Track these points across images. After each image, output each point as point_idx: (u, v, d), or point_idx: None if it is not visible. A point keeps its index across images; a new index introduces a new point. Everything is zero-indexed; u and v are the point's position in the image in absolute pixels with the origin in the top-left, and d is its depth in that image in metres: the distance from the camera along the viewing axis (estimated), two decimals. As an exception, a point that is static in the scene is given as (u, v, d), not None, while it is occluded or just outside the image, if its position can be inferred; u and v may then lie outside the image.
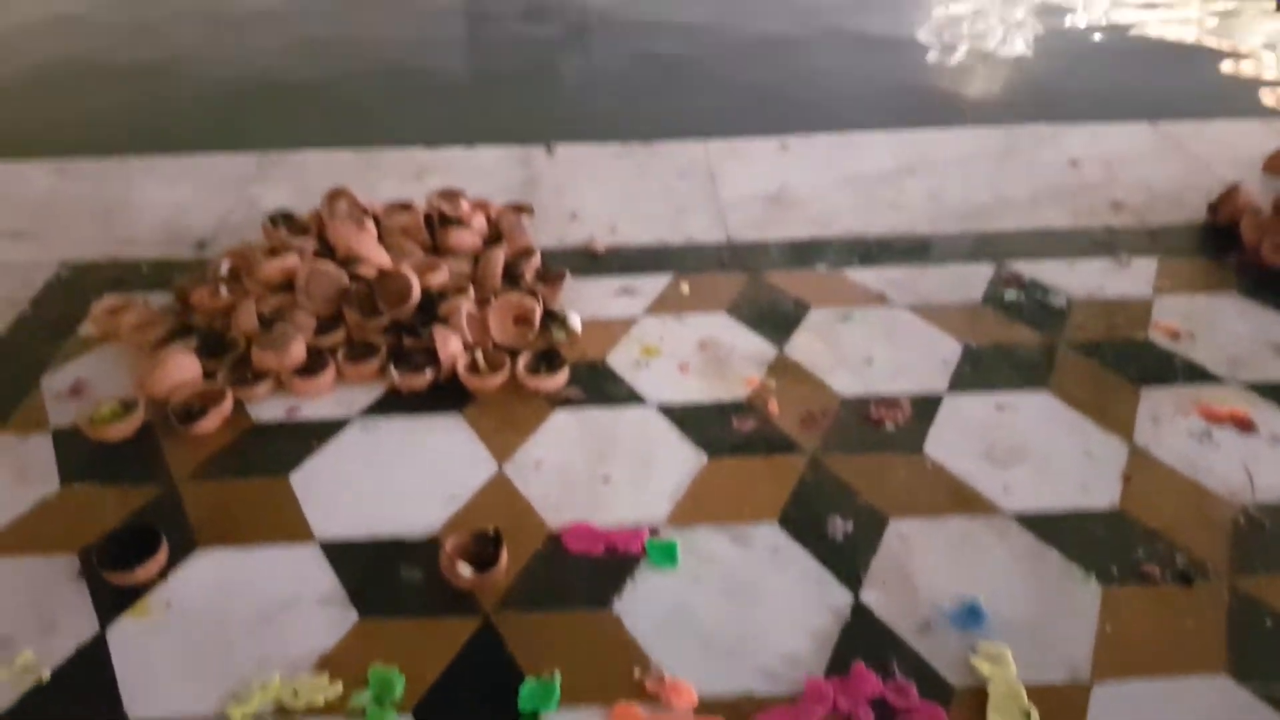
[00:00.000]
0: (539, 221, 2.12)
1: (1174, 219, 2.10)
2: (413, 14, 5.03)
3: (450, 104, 3.74)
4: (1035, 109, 3.51)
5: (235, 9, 5.03)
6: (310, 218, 1.96)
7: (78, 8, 5.12)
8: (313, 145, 2.51)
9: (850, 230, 2.10)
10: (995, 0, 5.13)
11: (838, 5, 4.98)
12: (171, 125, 3.47)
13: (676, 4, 5.09)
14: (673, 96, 3.77)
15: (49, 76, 4.06)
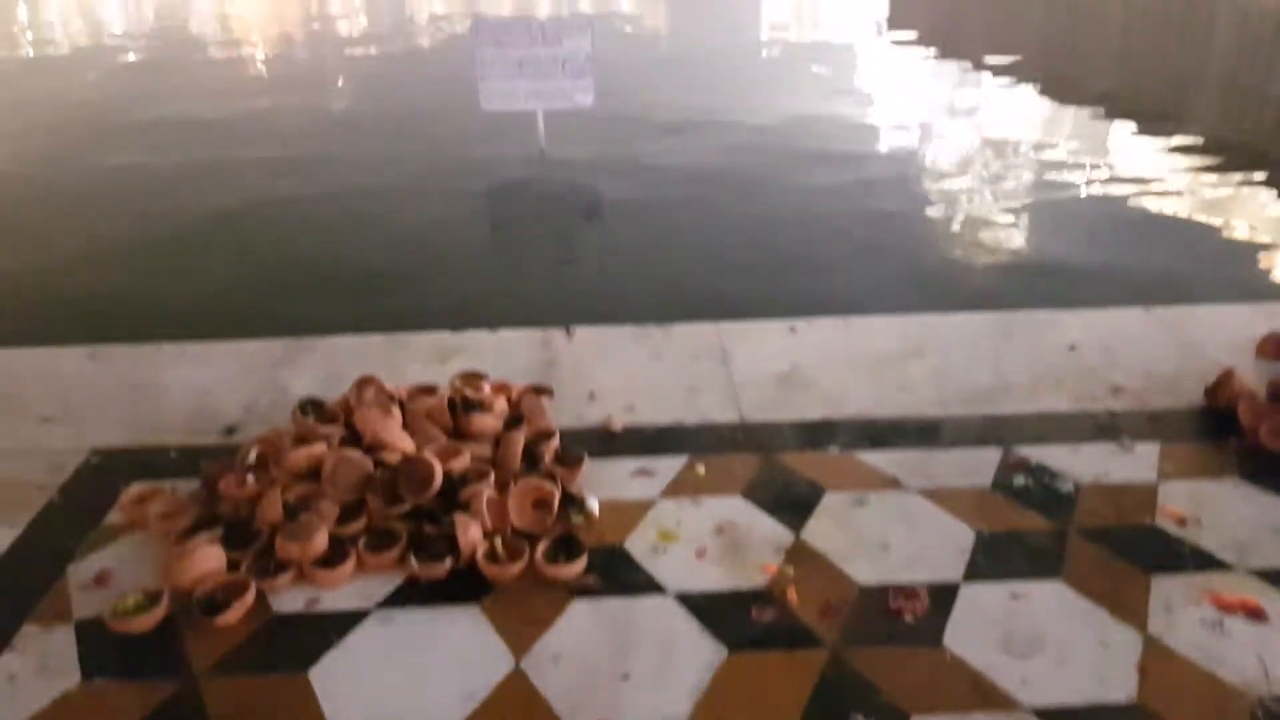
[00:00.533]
0: (558, 401, 2.20)
1: (1173, 403, 2.17)
2: (436, 195, 5.35)
3: (473, 283, 3.94)
4: (1033, 289, 3.68)
5: (261, 193, 5.36)
6: (338, 404, 2.03)
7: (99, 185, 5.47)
8: (338, 326, 2.63)
9: (860, 411, 2.17)
10: (992, 177, 5.45)
11: (841, 187, 5.30)
12: (200, 308, 3.65)
13: (686, 186, 5.42)
14: (686, 276, 3.97)
15: (80, 257, 4.29)
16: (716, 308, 2.93)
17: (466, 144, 6.46)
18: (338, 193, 5.37)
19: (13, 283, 4.01)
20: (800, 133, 6.62)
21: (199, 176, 5.71)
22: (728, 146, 6.27)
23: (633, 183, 5.60)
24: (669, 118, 7.14)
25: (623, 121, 6.85)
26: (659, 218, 4.85)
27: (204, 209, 5.03)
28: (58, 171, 6.00)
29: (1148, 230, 4.59)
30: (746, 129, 6.65)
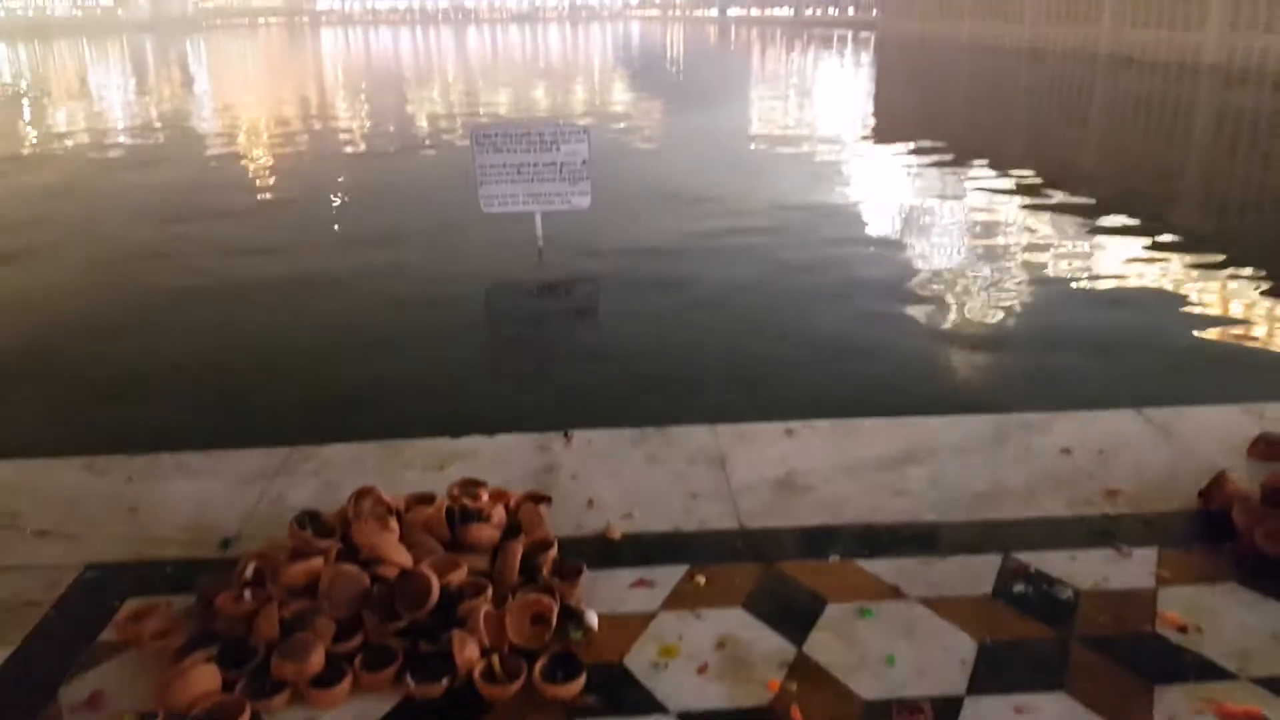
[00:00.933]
0: (557, 509, 2.20)
1: (1168, 507, 2.18)
2: (434, 297, 5.44)
3: (472, 387, 3.98)
4: (1026, 391, 3.72)
5: (255, 300, 5.43)
6: (335, 517, 2.04)
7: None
8: (336, 434, 2.65)
9: (859, 517, 2.17)
10: (979, 276, 5.56)
11: (834, 287, 5.40)
12: (198, 416, 3.68)
13: (681, 285, 5.52)
14: (683, 376, 4.01)
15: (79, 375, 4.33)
16: (714, 408, 2.96)
17: (466, 245, 6.60)
18: (334, 295, 5.45)
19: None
20: (791, 229, 6.78)
21: (191, 285, 5.80)
22: (720, 246, 6.41)
23: (628, 282, 5.71)
24: (665, 218, 7.32)
25: (619, 223, 7.02)
26: (655, 316, 4.93)
27: (201, 318, 5.10)
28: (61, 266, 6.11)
29: (1130, 327, 4.66)
30: (740, 231, 6.80)
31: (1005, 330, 4.69)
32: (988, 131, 12.95)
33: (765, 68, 26.87)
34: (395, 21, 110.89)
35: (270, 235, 7.11)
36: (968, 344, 4.47)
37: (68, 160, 11.42)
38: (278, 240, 6.92)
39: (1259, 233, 6.99)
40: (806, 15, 49.39)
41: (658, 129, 14.25)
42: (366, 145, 12.38)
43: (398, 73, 28.57)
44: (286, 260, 6.32)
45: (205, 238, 6.98)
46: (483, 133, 6.05)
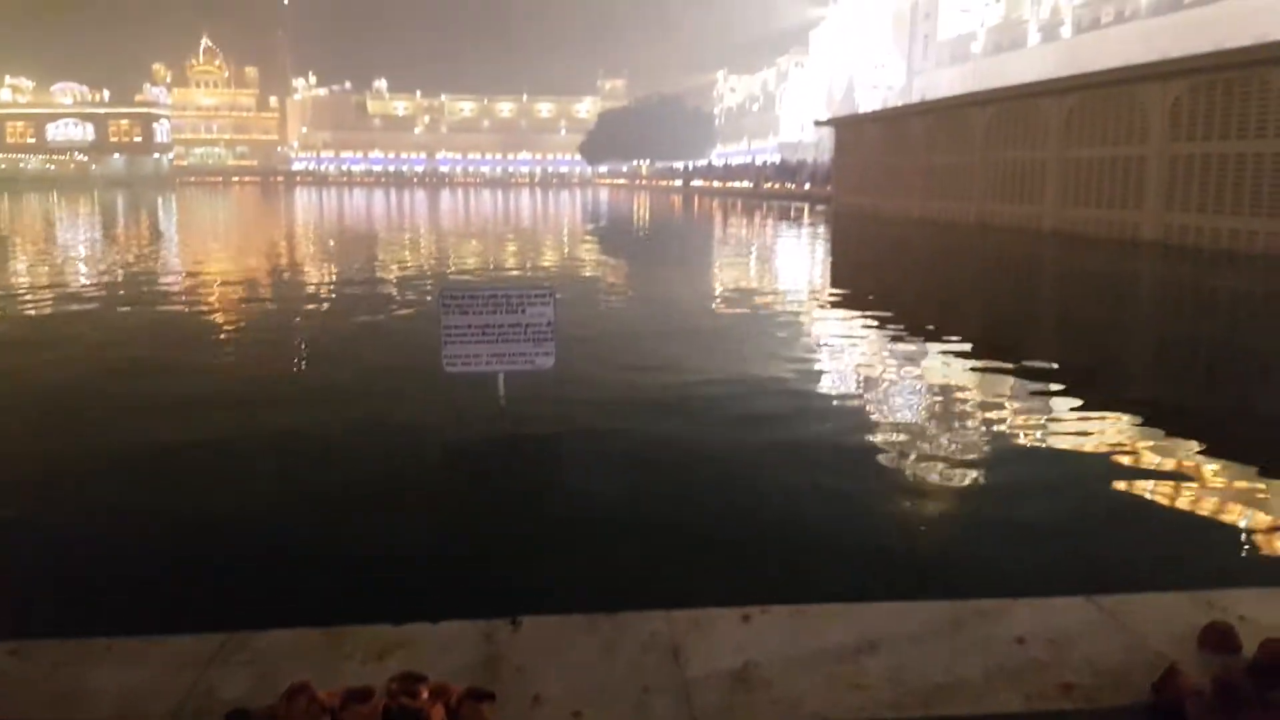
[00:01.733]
0: (501, 706, 2.11)
1: (1122, 700, 2.15)
2: (389, 461, 5.38)
3: (421, 559, 3.88)
4: (980, 575, 3.72)
5: (196, 468, 5.34)
6: (266, 715, 1.93)
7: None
8: (277, 616, 2.55)
9: (817, 712, 2.11)
10: (933, 450, 5.64)
11: (797, 457, 5.45)
12: (137, 594, 3.54)
13: (644, 450, 5.53)
14: (639, 553, 3.96)
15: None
16: (670, 589, 2.91)
17: (426, 405, 6.60)
18: (280, 459, 5.38)
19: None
20: (752, 395, 6.89)
21: (131, 441, 5.70)
22: (684, 411, 6.47)
23: (590, 446, 5.72)
24: (631, 379, 7.43)
25: (585, 384, 7.10)
26: (613, 483, 4.91)
27: (138, 477, 4.99)
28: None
29: (1091, 496, 4.73)
30: (700, 398, 6.90)
31: (954, 492, 4.73)
32: (934, 301, 13.50)
33: (726, 234, 28.12)
34: (370, 183, 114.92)
35: (221, 390, 7.07)
36: (922, 505, 4.49)
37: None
38: (228, 395, 6.88)
39: (1184, 395, 7.24)
40: (765, 188, 52.17)
41: (622, 289, 14.68)
42: (331, 301, 12.56)
43: (370, 232, 29.42)
44: (230, 416, 6.27)
45: (154, 392, 6.91)
46: (450, 294, 6.18)
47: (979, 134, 24.56)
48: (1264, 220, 15.59)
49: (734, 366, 8.02)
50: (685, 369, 7.87)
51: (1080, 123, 20.59)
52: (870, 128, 32.76)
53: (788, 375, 7.64)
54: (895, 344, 9.21)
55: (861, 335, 9.80)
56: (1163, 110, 17.87)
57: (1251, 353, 9.35)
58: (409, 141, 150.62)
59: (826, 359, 8.77)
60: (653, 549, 4.01)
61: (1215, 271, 15.04)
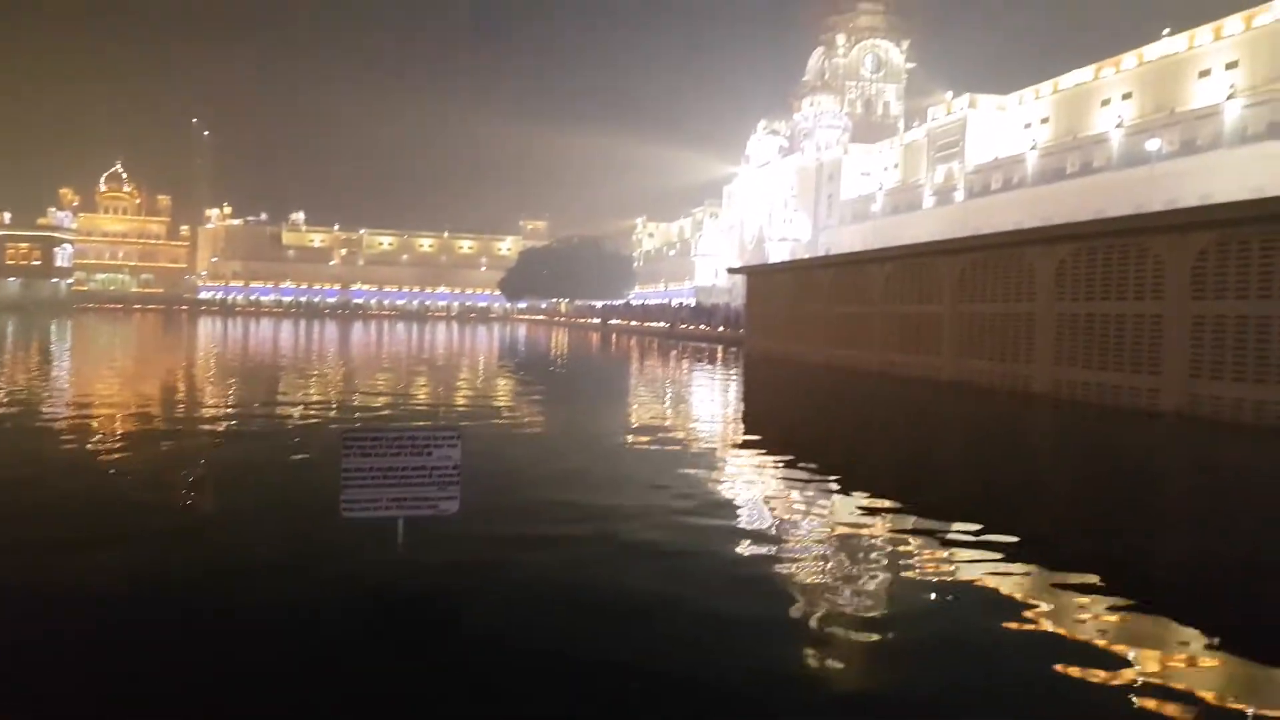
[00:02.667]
0: None
1: None
2: (275, 618, 4.96)
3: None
4: None
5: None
6: None
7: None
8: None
9: None
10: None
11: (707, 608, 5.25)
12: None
13: (547, 596, 5.25)
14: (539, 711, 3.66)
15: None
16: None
17: (320, 550, 6.19)
18: (154, 609, 4.90)
19: None
20: (661, 536, 6.71)
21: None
22: (590, 554, 6.24)
23: (491, 594, 5.41)
24: (536, 524, 7.16)
25: (490, 528, 6.80)
26: (515, 631, 4.61)
27: None
28: None
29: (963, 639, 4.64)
30: (609, 541, 6.68)
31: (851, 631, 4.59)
32: (832, 443, 13.72)
33: (642, 373, 28.43)
34: (279, 314, 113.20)
35: (95, 529, 6.51)
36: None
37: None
38: (103, 534, 6.33)
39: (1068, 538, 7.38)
40: (681, 329, 53.50)
41: (535, 426, 14.48)
42: (224, 436, 11.97)
43: (271, 363, 28.66)
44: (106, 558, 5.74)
45: (18, 534, 6.31)
46: (352, 436, 5.91)
47: (879, 287, 25.88)
48: (1144, 378, 16.66)
49: (641, 506, 7.85)
50: (598, 515, 7.66)
51: (974, 280, 21.93)
52: (780, 277, 34.24)
53: (690, 510, 7.50)
54: (792, 485, 9.22)
55: (764, 476, 9.80)
56: (1049, 271, 19.21)
57: (1107, 496, 9.69)
58: (323, 273, 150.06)
59: (727, 497, 8.69)
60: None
61: (1082, 423, 15.87)
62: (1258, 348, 14.29)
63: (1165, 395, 15.92)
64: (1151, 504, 9.62)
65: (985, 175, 73.52)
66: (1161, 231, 16.38)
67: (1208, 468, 12.38)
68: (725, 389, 23.09)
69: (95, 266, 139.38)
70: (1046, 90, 71.74)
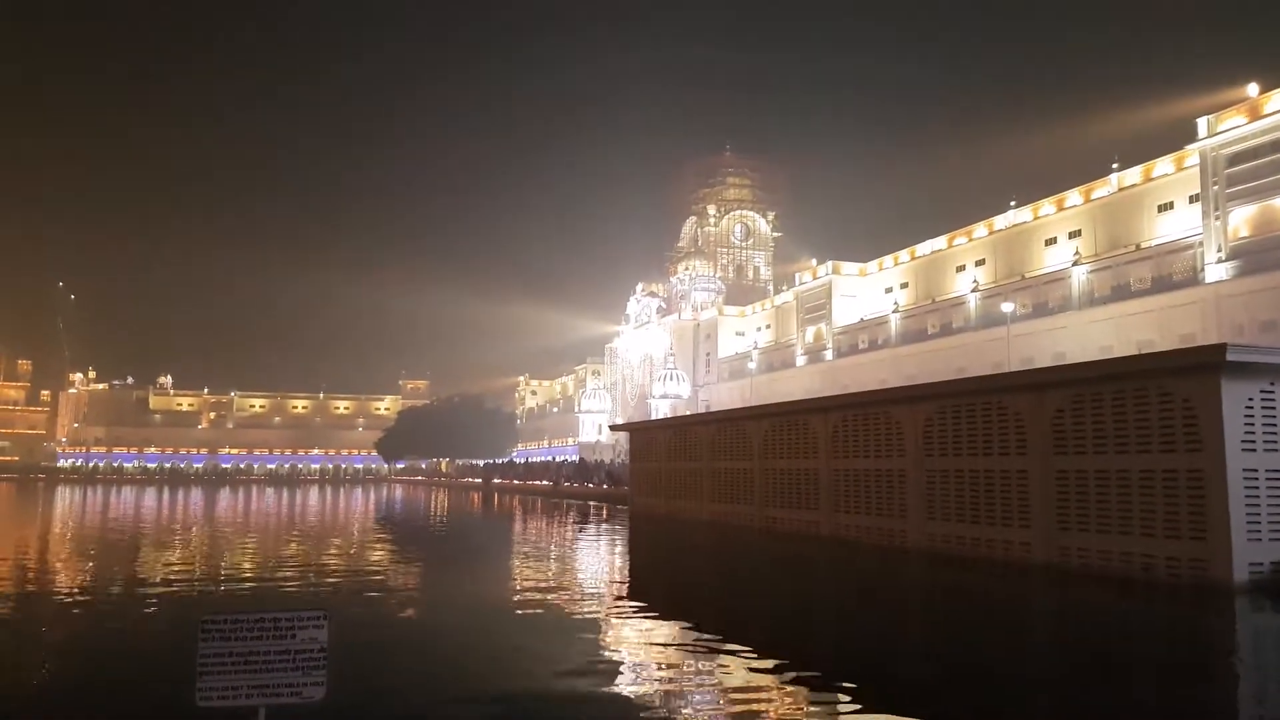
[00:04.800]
0: None
1: None
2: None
3: None
4: None
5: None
6: None
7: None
8: None
9: None
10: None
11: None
12: None
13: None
14: None
15: None
16: None
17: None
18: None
19: None
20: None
21: None
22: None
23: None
24: (411, 696, 6.80)
25: (360, 715, 6.41)
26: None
27: None
28: None
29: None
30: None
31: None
32: (711, 602, 13.69)
33: (525, 535, 27.84)
34: (142, 481, 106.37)
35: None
36: None
37: None
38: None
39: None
40: (564, 487, 52.95)
41: (411, 594, 13.87)
42: (74, 616, 10.97)
43: (130, 533, 26.69)
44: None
45: None
46: (211, 620, 5.58)
47: (756, 444, 26.60)
48: (1015, 530, 17.31)
49: (524, 681, 7.57)
50: (482, 698, 7.34)
51: (845, 437, 22.82)
52: (660, 434, 34.73)
53: (574, 687, 7.29)
54: (676, 647, 9.12)
55: (650, 639, 9.66)
56: (917, 428, 20.18)
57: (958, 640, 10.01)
58: (191, 437, 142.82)
59: (611, 667, 8.50)
60: None
61: (944, 573, 16.43)
62: (1119, 500, 14.85)
63: (1036, 548, 16.33)
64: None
65: (852, 335, 78.07)
66: (1020, 390, 17.17)
67: (1021, 610, 12.93)
68: (609, 550, 22.84)
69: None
70: (905, 257, 77.90)
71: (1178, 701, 7.61)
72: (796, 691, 7.63)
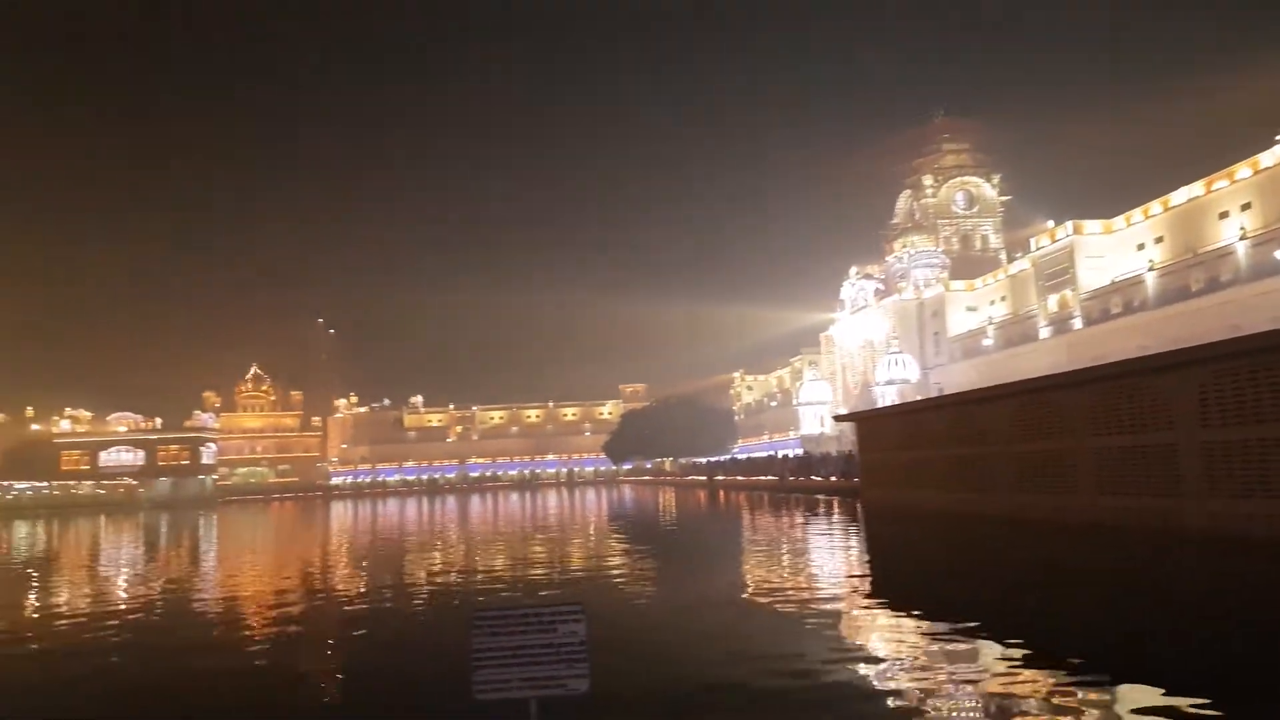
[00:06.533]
0: None
1: None
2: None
3: None
4: None
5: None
6: None
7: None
8: None
9: None
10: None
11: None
12: None
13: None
14: None
15: None
16: None
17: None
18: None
19: None
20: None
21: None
22: None
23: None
24: (668, 691, 6.87)
25: (627, 708, 6.57)
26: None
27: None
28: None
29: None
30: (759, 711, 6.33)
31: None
32: (977, 596, 12.84)
33: (755, 530, 27.71)
34: (404, 493, 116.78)
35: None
36: None
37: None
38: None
39: None
40: (790, 481, 52.28)
41: (655, 590, 14.14)
42: (357, 617, 12.14)
43: (400, 539, 29.30)
44: None
45: None
46: (480, 615, 5.90)
47: (1002, 426, 24.88)
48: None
49: (784, 681, 7.43)
50: (740, 688, 7.29)
51: (1106, 412, 20.82)
52: (889, 422, 33.41)
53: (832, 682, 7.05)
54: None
55: (901, 636, 9.18)
56: (1189, 396, 18.07)
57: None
58: (441, 450, 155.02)
59: (876, 669, 8.14)
60: None
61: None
62: None
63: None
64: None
65: (1103, 300, 71.01)
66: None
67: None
68: (841, 542, 22.21)
69: (236, 461, 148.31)
70: (1156, 209, 69.96)
71: None
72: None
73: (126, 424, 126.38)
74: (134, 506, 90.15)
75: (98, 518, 64.14)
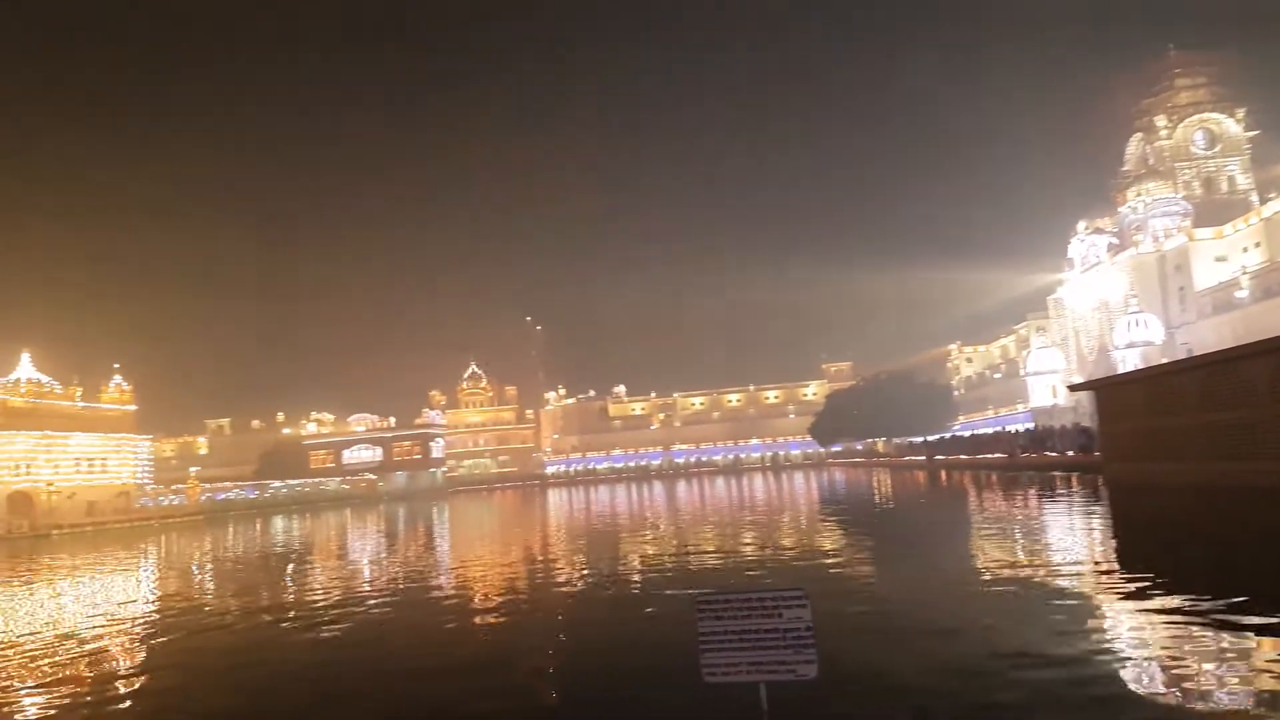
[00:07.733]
0: None
1: None
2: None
3: None
4: None
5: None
6: None
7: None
8: None
9: None
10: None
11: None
12: None
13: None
14: None
15: None
16: None
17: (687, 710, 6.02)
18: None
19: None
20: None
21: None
22: None
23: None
24: (903, 680, 6.44)
25: (855, 696, 6.23)
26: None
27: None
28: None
29: None
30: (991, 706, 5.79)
31: None
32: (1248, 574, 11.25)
33: (985, 511, 25.95)
34: (613, 480, 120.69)
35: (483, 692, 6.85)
36: None
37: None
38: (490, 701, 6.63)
39: None
40: (1021, 458, 48.80)
41: (877, 576, 13.54)
42: (581, 600, 12.46)
43: (615, 524, 30.11)
44: None
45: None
46: (704, 600, 5.82)
47: (1264, 387, 21.90)
48: None
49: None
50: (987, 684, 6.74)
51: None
52: (1133, 389, 30.30)
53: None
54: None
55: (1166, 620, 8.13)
56: None
57: None
58: (646, 438, 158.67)
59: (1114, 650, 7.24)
60: None
61: None
62: None
63: None
64: None
65: (1385, 237, 61.12)
66: None
67: None
68: (1083, 523, 20.32)
69: (462, 454, 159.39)
70: None
71: None
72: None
73: (365, 424, 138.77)
74: (375, 499, 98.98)
75: (343, 510, 70.89)
